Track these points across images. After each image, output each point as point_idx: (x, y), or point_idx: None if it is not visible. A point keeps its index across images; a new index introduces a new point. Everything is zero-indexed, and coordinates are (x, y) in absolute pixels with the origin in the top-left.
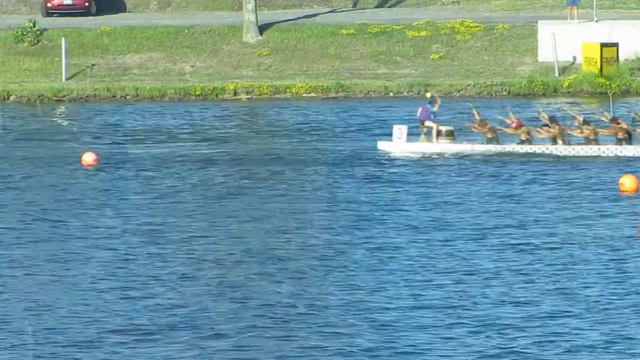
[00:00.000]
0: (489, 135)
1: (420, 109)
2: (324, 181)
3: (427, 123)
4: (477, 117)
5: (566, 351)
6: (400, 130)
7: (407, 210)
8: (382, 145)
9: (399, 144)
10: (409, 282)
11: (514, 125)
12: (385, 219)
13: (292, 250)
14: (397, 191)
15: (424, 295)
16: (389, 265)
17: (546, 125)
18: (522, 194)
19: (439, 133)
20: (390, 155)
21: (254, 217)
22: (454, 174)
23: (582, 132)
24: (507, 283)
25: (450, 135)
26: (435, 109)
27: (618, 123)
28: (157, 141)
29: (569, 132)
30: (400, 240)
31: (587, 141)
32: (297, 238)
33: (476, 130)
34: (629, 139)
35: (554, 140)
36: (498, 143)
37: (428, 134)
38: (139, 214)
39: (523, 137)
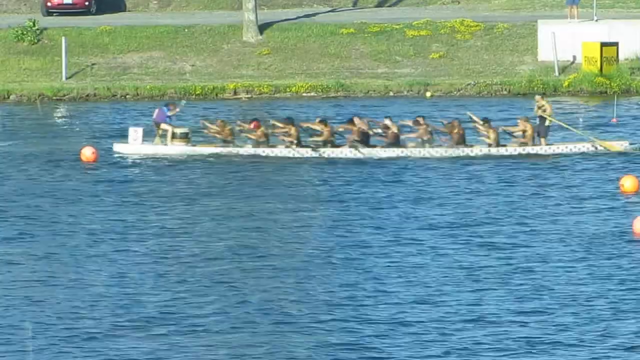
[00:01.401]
0: (227, 138)
1: (156, 111)
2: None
3: (163, 126)
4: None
5: (558, 348)
6: (135, 132)
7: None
8: (118, 147)
9: (134, 146)
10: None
11: (252, 126)
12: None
13: (281, 248)
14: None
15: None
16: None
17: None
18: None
19: (173, 135)
20: (125, 157)
21: (248, 215)
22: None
23: (322, 134)
24: (497, 282)
25: (185, 137)
26: (171, 113)
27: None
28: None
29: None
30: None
31: (325, 143)
32: (283, 235)
33: (212, 132)
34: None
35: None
36: (234, 145)
37: (163, 136)
38: (135, 212)
39: (260, 140)
